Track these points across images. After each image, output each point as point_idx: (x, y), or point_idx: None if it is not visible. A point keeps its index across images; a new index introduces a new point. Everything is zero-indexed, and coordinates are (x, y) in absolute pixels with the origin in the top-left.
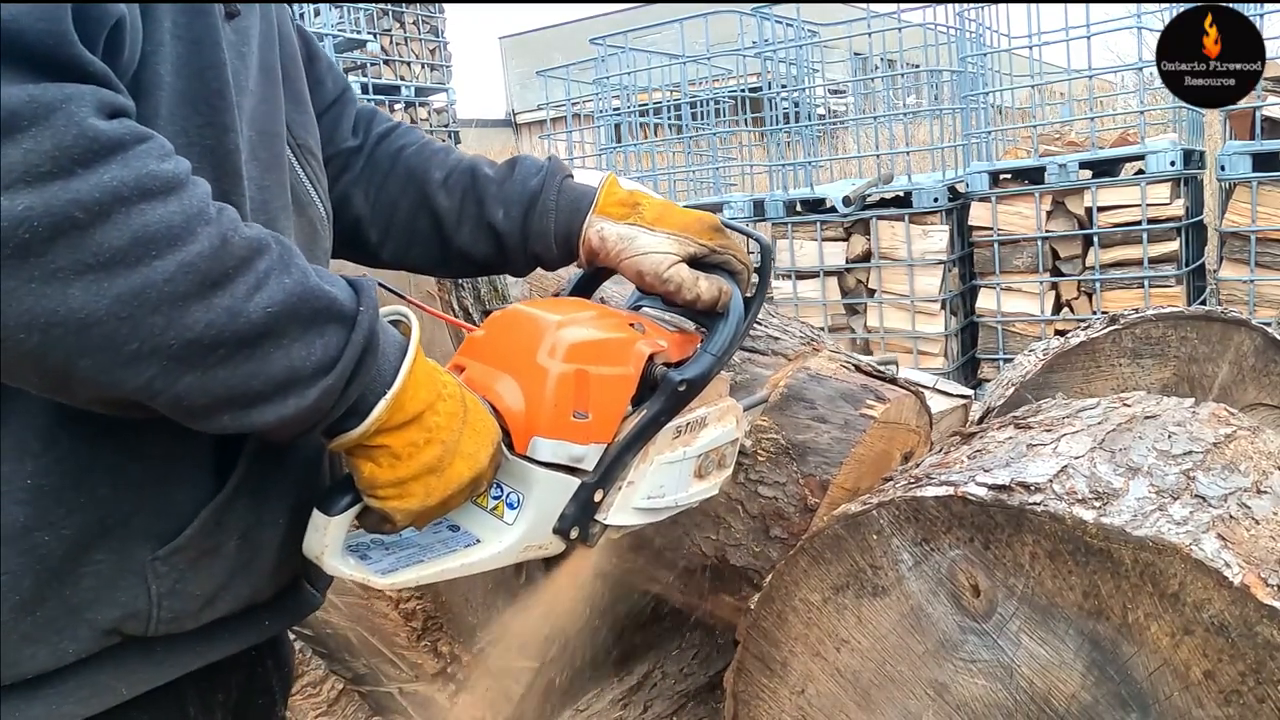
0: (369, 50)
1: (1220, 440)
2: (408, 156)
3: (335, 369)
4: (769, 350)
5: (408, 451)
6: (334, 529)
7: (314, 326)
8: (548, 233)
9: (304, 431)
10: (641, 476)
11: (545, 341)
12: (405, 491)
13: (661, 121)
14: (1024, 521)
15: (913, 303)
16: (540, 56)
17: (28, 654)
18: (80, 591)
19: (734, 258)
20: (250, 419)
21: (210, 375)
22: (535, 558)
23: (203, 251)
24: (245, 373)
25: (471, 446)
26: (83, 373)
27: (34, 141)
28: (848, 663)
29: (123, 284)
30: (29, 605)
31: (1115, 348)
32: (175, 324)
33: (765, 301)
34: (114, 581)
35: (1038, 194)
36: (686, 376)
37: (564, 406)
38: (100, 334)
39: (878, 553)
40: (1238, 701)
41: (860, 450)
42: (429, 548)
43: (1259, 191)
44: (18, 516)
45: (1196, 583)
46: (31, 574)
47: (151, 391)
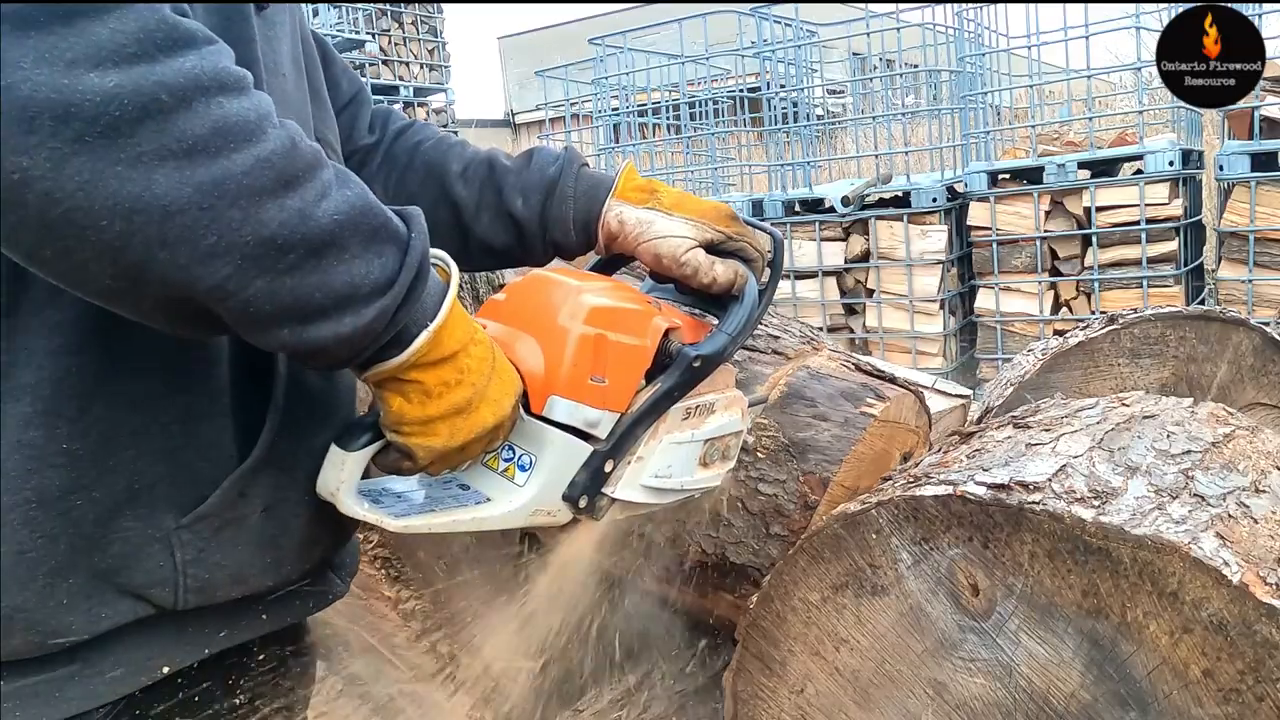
0: (367, 50)
1: (1219, 439)
2: (425, 150)
3: (390, 290)
4: (769, 349)
5: (439, 390)
6: (351, 465)
7: (373, 245)
8: (566, 218)
9: (349, 358)
10: (651, 453)
11: (567, 304)
12: (431, 430)
13: (660, 122)
14: (1023, 521)
15: (911, 303)
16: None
17: (66, 621)
18: (109, 558)
19: (749, 245)
20: (308, 334)
21: (279, 282)
22: (543, 525)
23: (276, 150)
24: (310, 284)
25: (498, 393)
26: (160, 267)
27: (119, 23)
28: (847, 662)
29: (204, 173)
30: (64, 571)
31: (1114, 347)
32: (251, 220)
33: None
34: (141, 549)
35: (1036, 194)
36: (701, 353)
37: (582, 368)
38: (181, 224)
39: (877, 552)
40: (1236, 700)
41: (861, 448)
42: (440, 501)
43: (1257, 191)
44: (54, 481)
45: (1195, 581)
46: (65, 538)
47: (224, 292)
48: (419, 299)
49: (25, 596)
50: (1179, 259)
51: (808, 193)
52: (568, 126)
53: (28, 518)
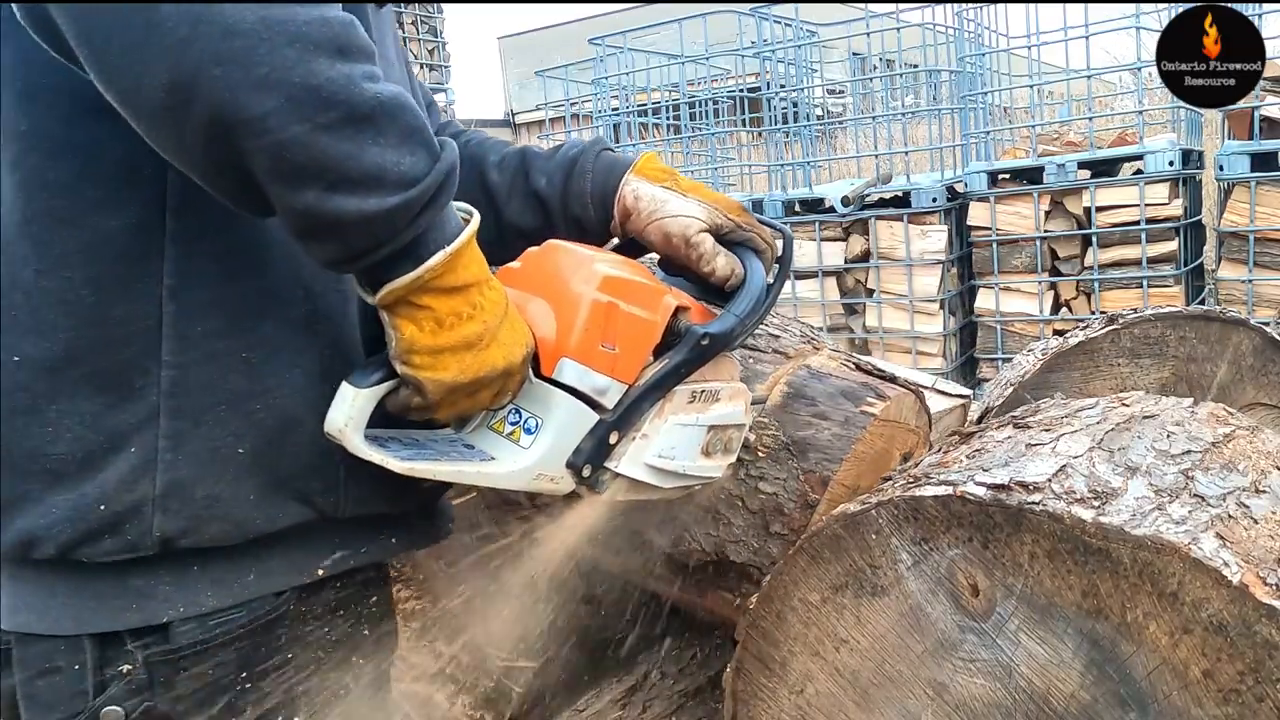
0: None
1: (1219, 440)
2: (471, 147)
3: (417, 187)
4: (769, 348)
5: (450, 321)
6: (361, 402)
7: (408, 142)
8: (585, 191)
9: (364, 249)
10: (656, 431)
11: (581, 271)
12: (440, 362)
13: (660, 122)
14: (1023, 521)
15: (911, 303)
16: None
17: (251, 516)
18: (287, 460)
19: (758, 235)
20: (332, 202)
21: (315, 136)
22: (545, 491)
23: (339, 19)
24: (343, 151)
25: (509, 339)
26: (210, 85)
27: None
28: (847, 662)
29: (272, 8)
30: (251, 469)
31: (1114, 347)
32: (303, 65)
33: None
34: (315, 456)
35: (1036, 194)
36: (710, 330)
37: (594, 333)
38: (239, 46)
39: (876, 552)
40: (1236, 700)
41: (861, 447)
42: (446, 453)
43: (1257, 191)
44: (239, 385)
45: (1195, 582)
46: (250, 439)
47: (263, 128)
48: (441, 209)
49: (220, 488)
50: (1179, 259)
51: (808, 193)
52: (568, 126)
53: (219, 418)
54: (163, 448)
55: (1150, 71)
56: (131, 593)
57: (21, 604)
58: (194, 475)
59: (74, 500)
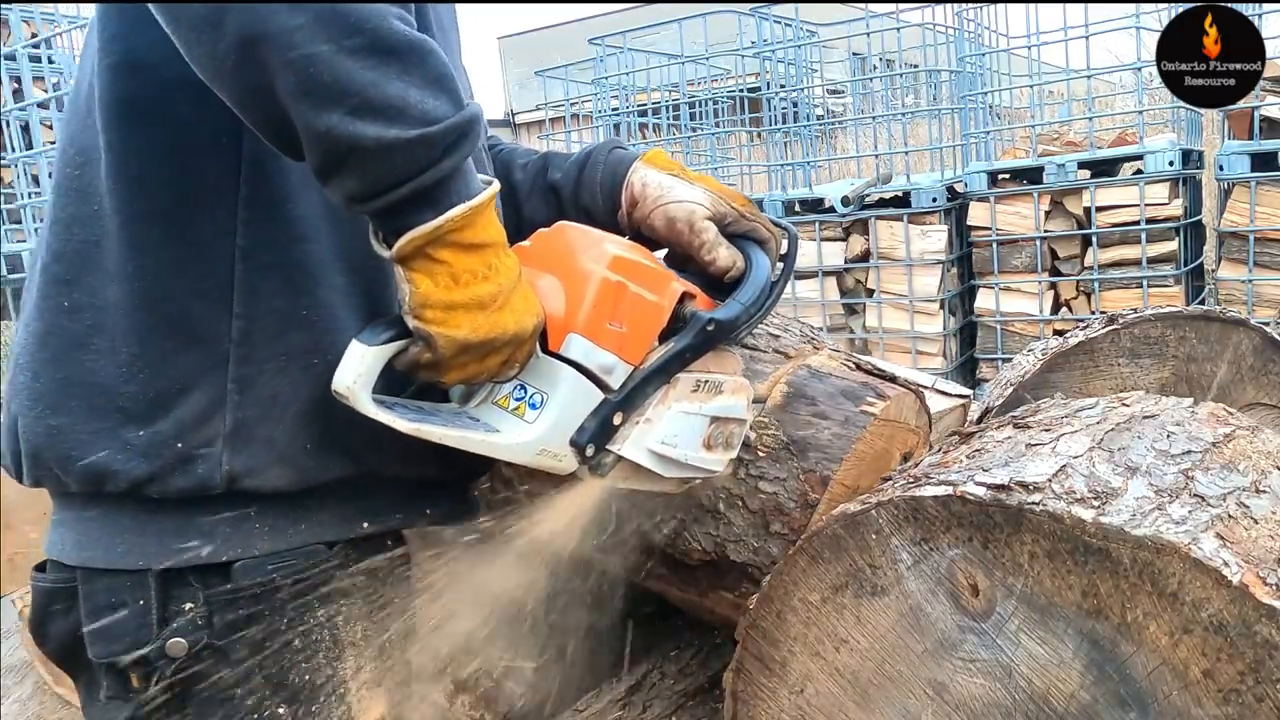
0: None
1: (1219, 440)
2: (502, 154)
3: (439, 125)
4: (769, 348)
5: (466, 278)
6: (371, 360)
7: (433, 86)
8: (594, 181)
9: (387, 184)
10: (659, 417)
11: (591, 250)
12: (453, 318)
13: (660, 121)
14: (1023, 521)
15: (911, 303)
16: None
17: (306, 465)
18: (338, 416)
19: (762, 226)
20: (354, 128)
21: (341, 58)
22: (547, 468)
23: None
24: (367, 79)
25: (521, 305)
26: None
27: None
28: (847, 662)
29: None
30: (308, 418)
31: (1114, 347)
32: None
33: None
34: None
35: (1036, 194)
36: (715, 317)
37: (602, 311)
38: None
39: (876, 552)
40: (1236, 700)
41: (861, 447)
42: (452, 422)
43: (1257, 191)
44: (297, 340)
45: (1195, 582)
46: (307, 388)
47: (291, 44)
48: (464, 158)
49: (279, 433)
50: (1179, 259)
51: (808, 193)
52: (568, 126)
53: (280, 368)
54: (231, 389)
55: (1150, 71)
56: (194, 531)
57: (88, 540)
58: (257, 416)
59: (148, 436)
